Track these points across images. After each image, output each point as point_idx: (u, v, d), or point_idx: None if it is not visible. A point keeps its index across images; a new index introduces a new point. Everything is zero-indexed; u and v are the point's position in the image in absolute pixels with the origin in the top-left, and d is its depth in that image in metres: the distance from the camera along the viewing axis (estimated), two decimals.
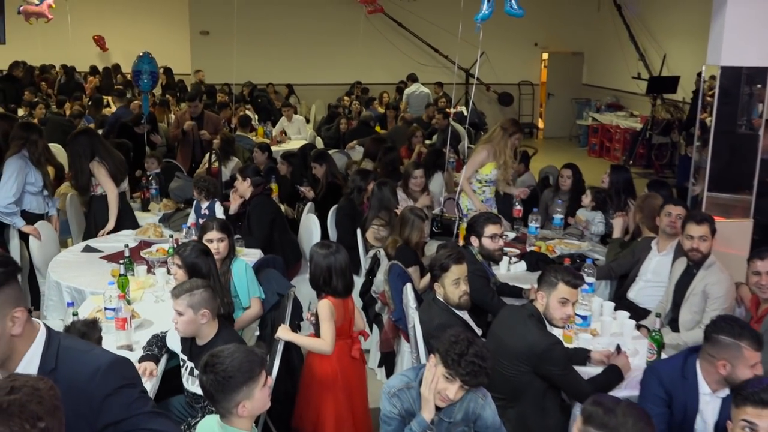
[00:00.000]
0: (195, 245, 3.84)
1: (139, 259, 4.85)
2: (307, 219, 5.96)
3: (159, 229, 5.51)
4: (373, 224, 5.34)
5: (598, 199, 5.90)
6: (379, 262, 4.84)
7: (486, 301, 4.18)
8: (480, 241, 4.36)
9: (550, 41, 16.82)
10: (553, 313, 3.40)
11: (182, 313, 3.24)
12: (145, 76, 7.36)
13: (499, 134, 5.91)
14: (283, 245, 5.57)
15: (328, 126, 10.99)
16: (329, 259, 3.72)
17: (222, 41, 15.38)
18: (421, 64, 15.85)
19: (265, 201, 5.60)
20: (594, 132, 14.95)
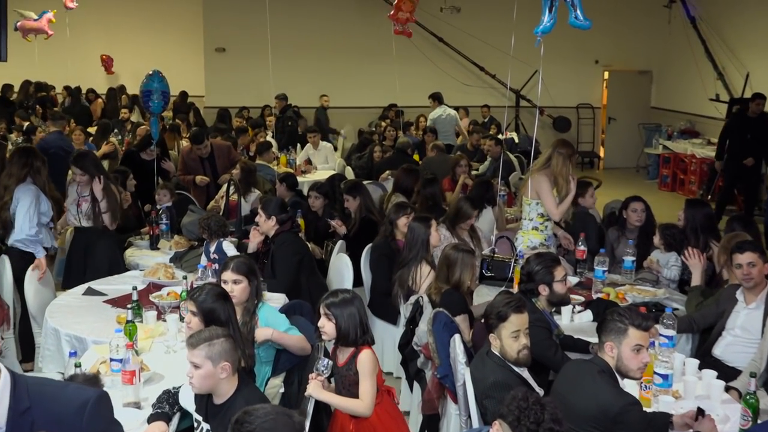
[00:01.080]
0: (211, 288, 3.86)
1: (147, 303, 4.87)
2: (338, 259, 5.96)
3: (170, 270, 5.53)
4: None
5: (667, 238, 5.83)
6: (422, 309, 4.81)
7: (548, 357, 4.13)
8: (551, 287, 4.34)
9: (613, 58, 16.85)
10: (628, 364, 3.35)
11: (199, 366, 3.23)
12: (156, 96, 7.50)
13: (557, 159, 5.93)
14: (310, 290, 5.57)
15: (360, 154, 11.07)
16: (354, 306, 3.72)
17: (239, 59, 15.75)
18: (465, 84, 15.98)
19: (291, 239, 5.62)
20: (665, 162, 14.85)
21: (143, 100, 7.62)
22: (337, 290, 3.89)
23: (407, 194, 7.75)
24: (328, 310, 3.73)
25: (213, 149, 8.51)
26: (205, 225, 5.63)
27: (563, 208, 5.97)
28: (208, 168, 8.43)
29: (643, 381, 3.81)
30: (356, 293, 3.83)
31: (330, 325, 3.74)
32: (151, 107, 7.57)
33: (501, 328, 3.68)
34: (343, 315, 3.71)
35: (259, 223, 5.64)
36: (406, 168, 8.03)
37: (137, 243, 6.69)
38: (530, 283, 4.38)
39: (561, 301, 4.45)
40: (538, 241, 6.02)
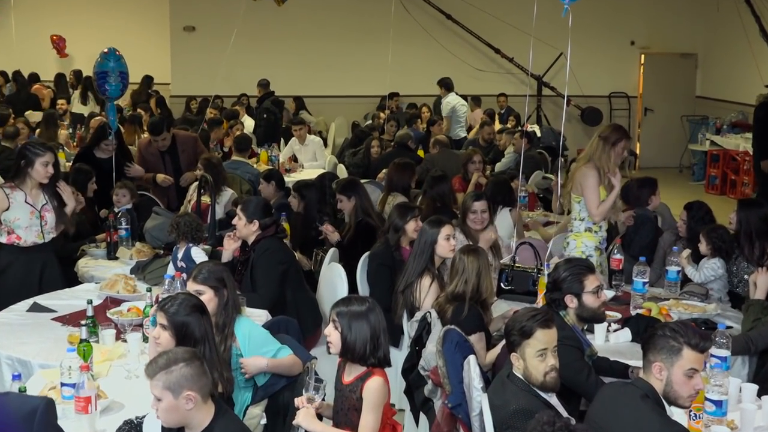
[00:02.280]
0: (186, 298, 3.87)
1: (105, 320, 4.85)
2: (329, 270, 5.94)
3: (131, 282, 5.52)
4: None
5: (714, 241, 5.85)
6: (429, 327, 4.79)
7: (579, 381, 4.11)
8: (580, 299, 4.32)
9: (651, 39, 16.91)
10: (679, 391, 3.33)
11: (160, 398, 3.24)
12: (113, 78, 7.47)
13: (598, 146, 5.94)
14: (297, 305, 5.57)
15: (354, 150, 11.11)
16: (367, 320, 3.73)
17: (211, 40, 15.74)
18: (477, 70, 15.99)
19: (275, 246, 5.59)
20: (713, 161, 14.88)
21: (98, 84, 7.59)
22: (352, 297, 3.93)
23: (405, 194, 7.75)
24: (337, 317, 3.77)
25: (176, 142, 8.49)
26: (175, 224, 5.62)
27: (604, 208, 5.98)
28: (170, 164, 8.40)
29: (692, 409, 3.79)
30: (374, 303, 3.84)
31: (336, 336, 3.77)
32: (108, 91, 7.55)
33: (525, 346, 3.67)
34: (351, 327, 3.74)
35: (238, 227, 5.62)
36: (399, 163, 8.03)
37: (92, 252, 6.65)
38: (556, 293, 4.37)
39: (593, 317, 4.41)
40: (593, 245, 6.04)
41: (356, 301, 3.84)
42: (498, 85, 15.91)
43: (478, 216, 6.19)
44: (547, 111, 16.20)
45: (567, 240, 6.19)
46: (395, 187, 7.76)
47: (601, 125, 16.29)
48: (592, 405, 3.63)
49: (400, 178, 7.77)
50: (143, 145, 8.69)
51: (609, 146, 5.93)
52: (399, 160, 8.05)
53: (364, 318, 3.75)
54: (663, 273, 6.02)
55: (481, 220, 6.19)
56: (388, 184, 7.90)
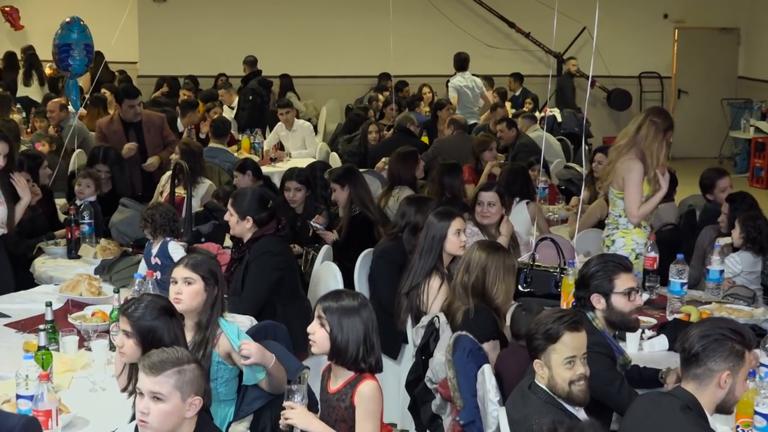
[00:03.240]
0: (152, 300, 3.84)
1: (66, 326, 4.84)
2: (323, 270, 5.94)
3: (95, 284, 5.51)
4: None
5: (750, 231, 5.90)
6: (438, 334, 4.79)
7: (610, 394, 4.11)
8: (608, 300, 4.32)
9: (686, 11, 16.93)
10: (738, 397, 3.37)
11: (164, 398, 3.24)
12: (77, 51, 7.48)
13: (649, 131, 5.90)
14: (287, 316, 5.53)
15: (349, 136, 11.11)
16: (359, 317, 3.73)
17: (184, 12, 15.77)
18: (488, 47, 15.97)
19: (275, 248, 5.52)
20: (758, 150, 14.88)
21: (59, 58, 7.60)
22: (341, 291, 3.94)
23: (411, 187, 7.76)
24: (324, 313, 3.76)
25: (141, 121, 8.59)
26: (148, 216, 5.59)
27: (646, 210, 5.97)
28: (136, 143, 8.50)
29: (740, 424, 3.80)
30: (366, 299, 3.85)
31: (322, 334, 3.76)
32: (71, 66, 7.54)
33: (551, 352, 3.67)
34: (341, 325, 3.73)
35: (230, 224, 5.60)
36: (402, 153, 8.03)
37: (50, 250, 6.63)
38: (582, 290, 4.37)
39: (623, 324, 4.39)
40: (644, 242, 6.03)
41: (347, 295, 3.83)
42: (512, 63, 15.95)
43: (483, 208, 6.21)
44: None
45: (612, 238, 6.16)
46: (399, 180, 7.75)
47: (629, 110, 16.39)
48: (624, 419, 3.63)
49: (404, 169, 7.77)
50: (104, 123, 8.73)
51: (661, 134, 5.90)
52: (402, 150, 8.04)
53: (356, 315, 3.75)
54: (703, 273, 6.02)
55: (487, 214, 6.21)
56: (391, 177, 7.90)
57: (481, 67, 15.17)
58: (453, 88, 12.87)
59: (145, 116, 8.64)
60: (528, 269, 5.75)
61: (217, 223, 6.65)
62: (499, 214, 6.25)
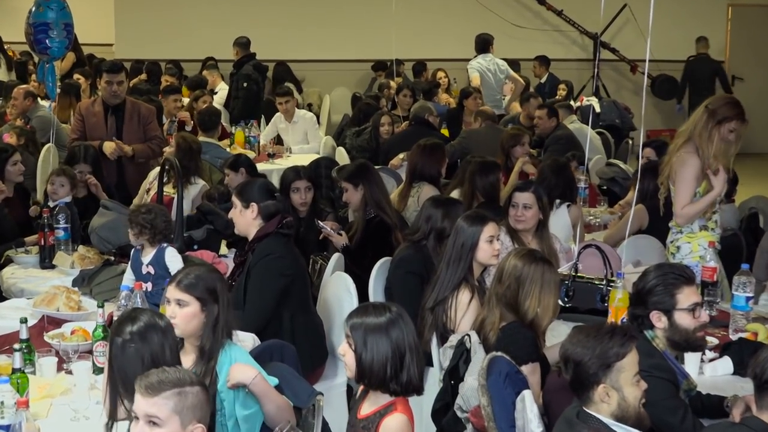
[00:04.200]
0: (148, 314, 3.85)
1: (43, 346, 4.82)
2: (335, 282, 5.93)
3: (74, 297, 5.49)
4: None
5: None
6: (469, 355, 4.77)
7: (673, 424, 4.09)
8: (670, 317, 4.31)
9: None
10: None
11: (160, 423, 3.25)
12: (56, 32, 7.45)
13: (700, 120, 5.91)
14: (295, 334, 5.51)
15: (358, 129, 11.09)
16: (389, 336, 3.72)
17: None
18: (514, 26, 15.95)
19: (278, 250, 5.48)
20: None
21: (35, 39, 7.57)
22: (369, 305, 3.91)
23: (434, 184, 7.76)
24: (351, 332, 3.77)
25: (124, 106, 8.59)
26: (146, 222, 5.54)
27: (691, 211, 5.96)
28: (112, 130, 8.46)
29: None
30: (400, 313, 3.84)
31: (351, 355, 3.77)
32: (50, 49, 7.52)
33: (618, 371, 3.66)
34: (366, 343, 3.73)
35: (234, 219, 5.61)
36: (426, 145, 8.02)
37: (20, 259, 6.63)
38: (640, 307, 4.35)
39: (687, 343, 4.38)
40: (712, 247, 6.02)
41: (374, 310, 3.83)
42: (541, 45, 15.94)
43: (518, 211, 6.17)
44: (607, 79, 16.25)
45: (676, 244, 6.15)
46: (421, 176, 7.74)
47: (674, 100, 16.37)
48: None
49: (428, 164, 7.75)
50: (85, 105, 8.75)
51: (713, 123, 5.87)
52: (426, 141, 8.02)
53: (382, 332, 3.74)
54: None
55: (522, 218, 6.17)
56: (412, 172, 7.88)
57: (505, 50, 15.12)
58: (474, 69, 12.81)
59: (130, 103, 8.62)
60: (569, 281, 5.73)
61: (211, 228, 6.67)
62: (535, 219, 6.20)
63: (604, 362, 3.67)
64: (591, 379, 3.71)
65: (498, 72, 12.76)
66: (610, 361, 3.66)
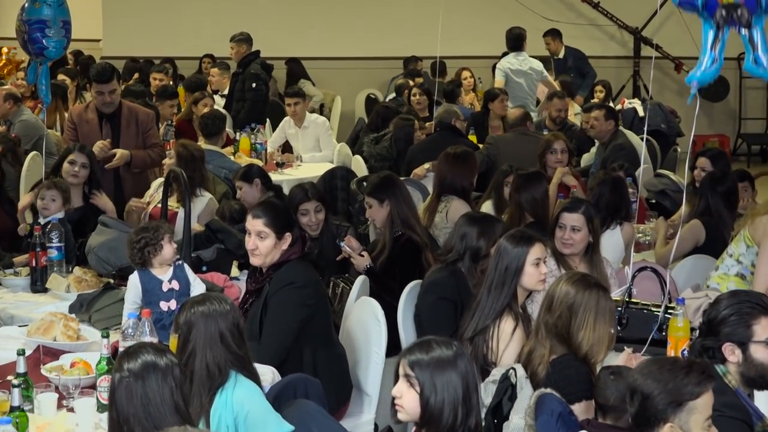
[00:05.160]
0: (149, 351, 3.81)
1: (40, 380, 4.80)
2: (359, 308, 5.94)
3: (73, 325, 5.47)
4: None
5: None
6: (514, 391, 4.76)
7: None
8: (745, 350, 4.30)
9: None
10: None
11: None
12: (53, 30, 7.43)
13: None
14: (316, 369, 5.51)
15: (376, 136, 11.07)
16: (457, 371, 3.73)
17: None
18: (546, 20, 15.94)
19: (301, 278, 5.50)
20: None
21: (29, 39, 7.55)
22: (430, 340, 3.87)
23: (464, 198, 7.77)
24: (412, 370, 3.74)
25: (121, 111, 8.60)
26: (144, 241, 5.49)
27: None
28: (109, 138, 8.47)
29: None
30: (462, 348, 3.85)
31: (411, 397, 3.74)
32: (47, 49, 7.51)
33: (690, 411, 3.65)
34: (435, 383, 3.71)
35: (258, 246, 5.52)
36: (455, 154, 8.01)
37: (9, 281, 6.63)
38: (711, 339, 4.34)
39: (764, 379, 4.35)
40: None
41: (438, 344, 3.80)
42: (577, 41, 15.84)
43: (566, 234, 6.16)
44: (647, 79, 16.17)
45: (707, 282, 6.18)
46: (450, 188, 7.74)
47: (726, 101, 16.37)
48: None
49: (457, 174, 7.75)
50: (77, 112, 8.77)
51: None
52: (454, 149, 8.02)
53: (452, 368, 3.73)
54: None
55: (570, 241, 6.16)
56: (439, 183, 7.87)
57: (534, 46, 15.11)
58: (501, 71, 12.81)
59: (126, 108, 8.62)
60: (623, 307, 5.71)
61: (222, 247, 6.64)
62: (584, 242, 6.17)
63: (676, 399, 3.67)
64: (658, 415, 3.71)
65: (532, 72, 12.71)
66: (682, 399, 3.66)
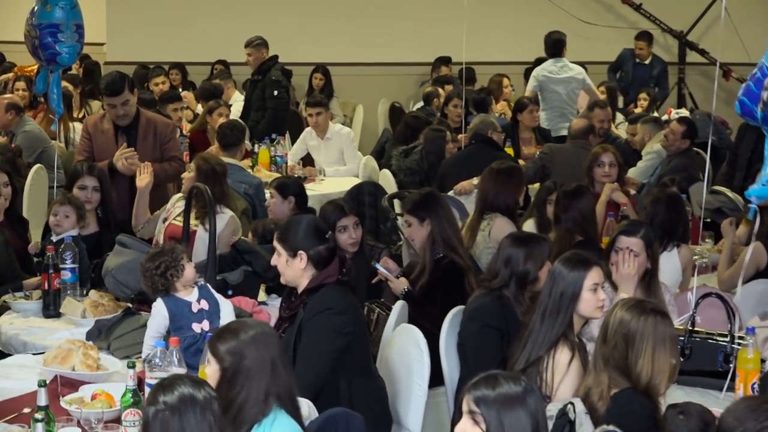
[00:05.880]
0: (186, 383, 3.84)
1: (60, 413, 4.80)
2: (401, 337, 5.93)
3: (93, 354, 5.46)
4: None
5: None
6: (572, 427, 4.74)
7: None
8: None
9: None
10: None
11: None
12: (66, 35, 7.47)
13: None
14: (353, 401, 5.49)
15: (406, 148, 11.06)
16: (525, 407, 3.71)
17: None
18: (584, 23, 15.94)
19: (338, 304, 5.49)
20: None
21: (40, 45, 7.59)
22: (497, 375, 3.85)
23: (509, 216, 7.77)
24: (477, 406, 3.73)
25: (138, 121, 8.63)
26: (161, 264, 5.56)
27: None
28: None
29: None
30: (531, 384, 3.83)
31: None
32: (59, 55, 7.53)
33: None
34: (503, 421, 3.70)
35: (280, 269, 5.59)
36: (499, 169, 8.00)
37: (18, 306, 6.61)
38: None
39: None
40: None
41: (505, 379, 3.78)
42: (616, 46, 15.87)
43: (623, 256, 6.13)
44: (694, 88, 16.20)
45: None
46: (493, 206, 7.73)
47: None
48: None
49: (502, 191, 7.75)
50: (92, 122, 8.78)
51: None
52: (500, 165, 8.02)
53: (520, 406, 3.71)
54: None
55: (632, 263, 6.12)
56: (482, 200, 7.87)
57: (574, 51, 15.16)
58: (534, 79, 12.78)
59: (144, 118, 8.64)
60: (685, 337, 5.70)
61: (249, 270, 6.64)
62: (642, 268, 6.15)
63: None
64: None
65: (572, 81, 12.67)
66: None
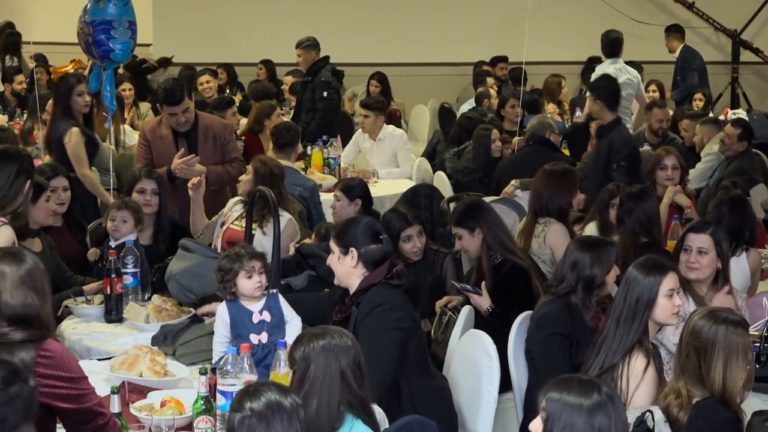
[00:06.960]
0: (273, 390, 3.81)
1: (130, 420, 4.81)
2: (469, 343, 5.92)
3: (160, 360, 5.48)
4: None
5: None
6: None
7: None
8: None
9: None
10: None
11: None
12: (119, 32, 7.45)
13: None
14: (415, 403, 5.50)
15: (458, 149, 11.05)
16: (605, 413, 3.71)
17: None
18: (636, 22, 15.88)
19: (390, 301, 5.51)
20: None
21: (93, 42, 7.58)
22: (574, 378, 3.87)
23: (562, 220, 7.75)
24: (547, 406, 3.77)
25: (197, 125, 8.67)
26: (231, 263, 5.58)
27: None
28: (185, 156, 8.47)
29: None
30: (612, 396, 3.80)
31: None
32: (113, 52, 7.53)
33: None
34: (561, 423, 3.70)
35: (332, 266, 5.64)
36: (553, 171, 7.95)
37: (81, 310, 6.63)
38: None
39: None
40: None
41: (580, 385, 3.78)
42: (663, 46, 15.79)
43: (691, 257, 6.11)
44: (748, 87, 16.11)
45: None
46: (547, 209, 7.70)
47: None
48: None
49: (556, 193, 7.71)
50: (150, 128, 8.80)
51: None
52: (553, 166, 7.96)
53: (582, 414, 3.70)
54: None
55: (696, 265, 6.10)
56: (535, 203, 7.82)
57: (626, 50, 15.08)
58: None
59: (202, 121, 8.67)
60: (761, 343, 5.66)
61: (313, 274, 6.65)
62: (712, 268, 6.11)
63: None
64: None
65: (630, 83, 12.58)
66: None
